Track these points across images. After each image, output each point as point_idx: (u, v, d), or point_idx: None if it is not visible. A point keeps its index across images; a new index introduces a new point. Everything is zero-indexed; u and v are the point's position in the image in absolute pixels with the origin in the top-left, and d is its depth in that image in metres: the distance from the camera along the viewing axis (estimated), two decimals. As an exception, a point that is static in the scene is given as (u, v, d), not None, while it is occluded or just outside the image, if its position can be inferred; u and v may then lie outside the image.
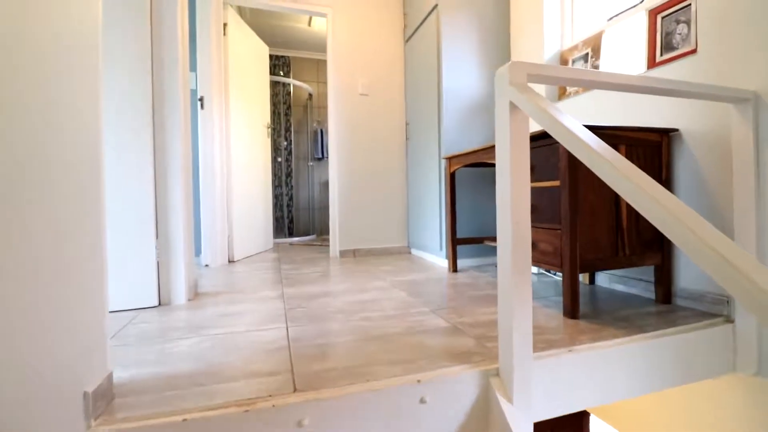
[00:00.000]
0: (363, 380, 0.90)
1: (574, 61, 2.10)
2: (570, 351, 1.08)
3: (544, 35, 2.19)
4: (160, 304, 1.57)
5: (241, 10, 3.40)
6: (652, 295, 1.60)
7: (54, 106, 0.69)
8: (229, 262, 2.65)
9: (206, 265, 2.50)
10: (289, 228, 4.47)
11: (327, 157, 4.61)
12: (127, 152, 1.49)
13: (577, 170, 1.35)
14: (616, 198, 1.42)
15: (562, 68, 0.98)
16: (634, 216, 1.46)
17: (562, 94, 2.16)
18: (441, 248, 2.40)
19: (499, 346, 0.96)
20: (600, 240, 1.40)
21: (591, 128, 1.37)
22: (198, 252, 2.57)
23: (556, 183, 1.40)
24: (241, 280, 2.08)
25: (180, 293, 1.59)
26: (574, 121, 0.82)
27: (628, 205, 1.44)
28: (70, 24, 0.75)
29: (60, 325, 0.68)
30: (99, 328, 0.83)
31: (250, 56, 2.96)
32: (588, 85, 1.03)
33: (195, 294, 1.73)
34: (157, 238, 1.56)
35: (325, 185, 4.65)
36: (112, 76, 1.48)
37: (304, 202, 4.58)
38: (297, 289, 1.83)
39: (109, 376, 0.84)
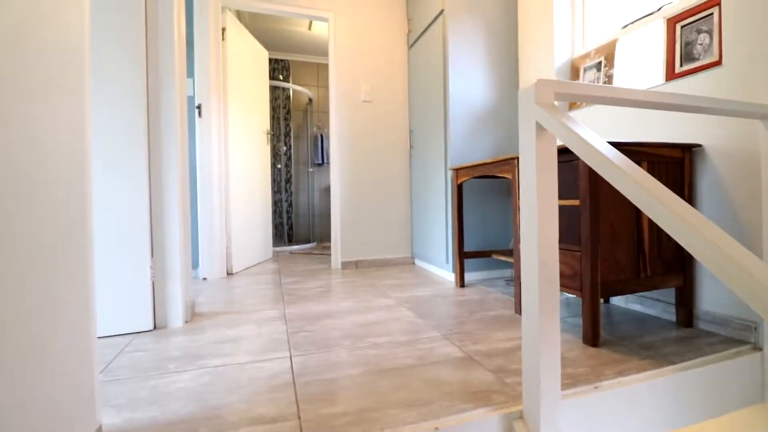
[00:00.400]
0: (377, 428, 0.82)
1: (586, 70, 2.03)
2: (596, 388, 1.00)
3: (554, 42, 2.12)
4: (155, 327, 1.49)
5: (239, 14, 3.32)
6: (672, 317, 1.53)
7: (32, 117, 0.61)
8: (228, 274, 2.57)
9: (204, 279, 2.41)
10: (288, 235, 4.38)
11: (327, 163, 4.54)
12: (119, 165, 1.41)
13: (598, 189, 1.28)
14: (637, 217, 1.35)
15: (590, 86, 0.91)
16: (656, 236, 1.39)
17: (573, 104, 2.09)
18: (447, 261, 2.32)
19: (523, 387, 0.89)
20: (621, 262, 1.33)
21: (612, 145, 1.30)
22: (195, 265, 2.49)
23: (575, 202, 1.33)
24: (240, 297, 1.99)
25: (176, 316, 1.51)
26: (607, 145, 0.75)
27: (650, 225, 1.37)
28: (53, 25, 0.67)
29: (38, 372, 0.60)
30: (87, 371, 0.74)
31: (249, 61, 2.88)
32: (618, 104, 0.96)
33: (192, 315, 1.65)
34: (152, 257, 1.48)
35: (326, 191, 4.57)
36: (102, 85, 1.39)
37: (303, 208, 4.50)
38: (299, 308, 1.75)
39: (99, 431, 0.75)
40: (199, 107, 2.37)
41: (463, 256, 2.12)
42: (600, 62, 1.96)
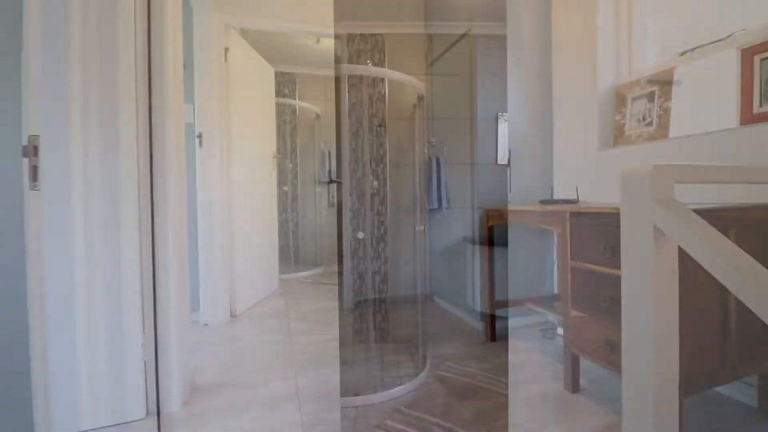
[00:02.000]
0: None
1: (634, 100, 1.81)
2: None
3: (597, 67, 1.90)
4: (148, 414, 1.27)
5: (243, 30, 3.09)
6: (751, 401, 1.31)
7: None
8: (231, 316, 2.35)
9: (205, 325, 2.19)
10: (294, 257, 4.16)
11: (334, 181, 4.31)
12: (107, 229, 1.20)
13: (683, 266, 1.05)
14: (724, 298, 1.13)
15: (718, 168, 0.69)
16: (743, 318, 1.16)
17: (619, 136, 1.87)
18: (474, 307, 2.10)
19: None
20: (706, 351, 1.11)
21: (698, 211, 1.07)
22: (196, 307, 2.27)
23: (652, 279, 1.11)
24: (245, 356, 1.77)
25: (173, 399, 1.29)
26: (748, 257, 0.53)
27: (738, 305, 1.15)
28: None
29: None
30: None
31: (254, 81, 2.67)
32: (748, 183, 0.74)
33: (191, 388, 1.43)
34: (143, 333, 1.26)
35: (334, 209, 4.34)
36: (84, 138, 1.18)
37: (310, 229, 4.28)
38: (314, 379, 1.53)
39: None
40: (199, 136, 2.15)
41: (494, 306, 1.90)
42: (653, 92, 1.73)
